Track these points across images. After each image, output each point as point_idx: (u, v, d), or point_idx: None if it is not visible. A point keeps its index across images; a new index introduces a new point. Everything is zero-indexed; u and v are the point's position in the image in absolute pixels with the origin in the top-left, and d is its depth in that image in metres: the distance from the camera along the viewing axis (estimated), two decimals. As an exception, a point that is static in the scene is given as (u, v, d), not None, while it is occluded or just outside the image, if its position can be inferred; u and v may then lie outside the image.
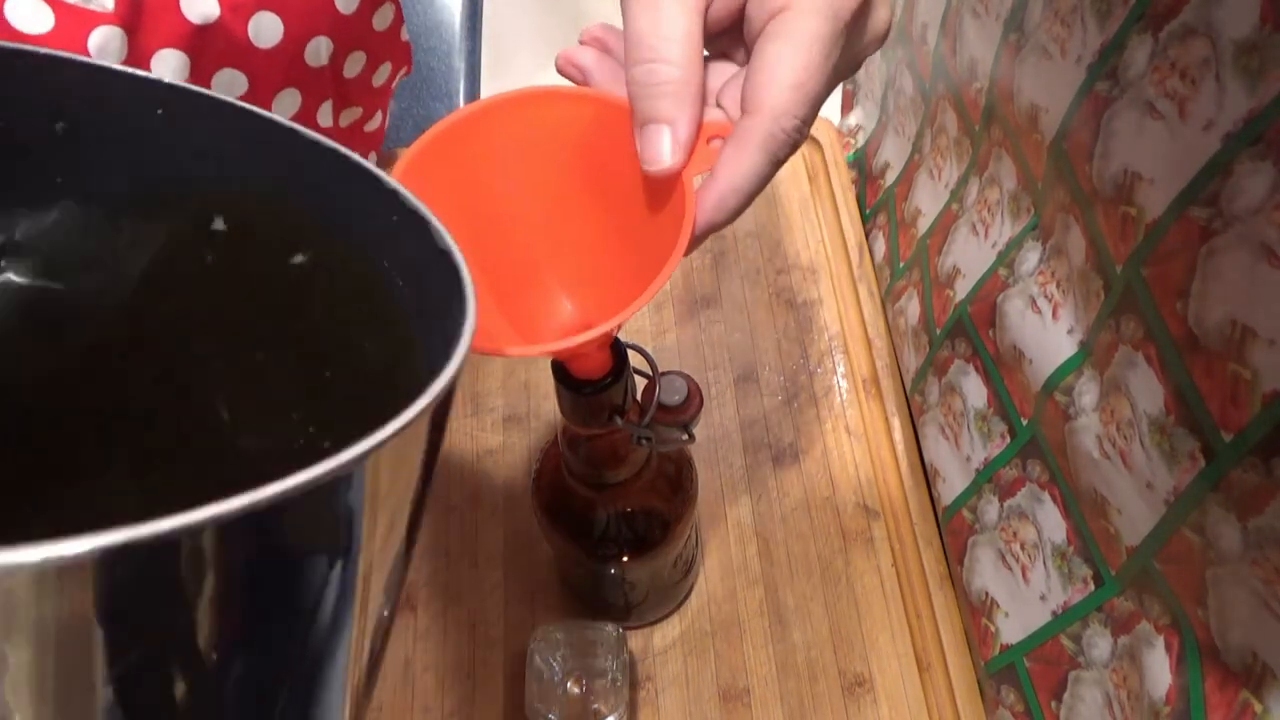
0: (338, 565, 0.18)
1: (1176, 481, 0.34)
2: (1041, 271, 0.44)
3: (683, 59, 0.28)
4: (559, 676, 0.49)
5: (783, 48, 0.27)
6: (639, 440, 0.40)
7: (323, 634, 0.18)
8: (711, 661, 0.55)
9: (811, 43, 0.27)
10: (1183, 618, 0.35)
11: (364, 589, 0.19)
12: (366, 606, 0.19)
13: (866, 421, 0.63)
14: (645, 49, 0.28)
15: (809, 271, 0.70)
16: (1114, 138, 0.36)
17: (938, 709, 0.53)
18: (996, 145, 0.49)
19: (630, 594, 0.52)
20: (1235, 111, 0.29)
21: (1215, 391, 0.31)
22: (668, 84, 0.28)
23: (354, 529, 0.17)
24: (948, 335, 0.54)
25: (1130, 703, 0.39)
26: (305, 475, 0.15)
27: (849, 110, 0.77)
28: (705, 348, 0.66)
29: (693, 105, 0.28)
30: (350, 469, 0.16)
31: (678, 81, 0.28)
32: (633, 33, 0.28)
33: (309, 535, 0.16)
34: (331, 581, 0.17)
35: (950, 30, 0.54)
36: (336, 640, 0.18)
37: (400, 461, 0.18)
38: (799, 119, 0.28)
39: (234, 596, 0.15)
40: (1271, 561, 0.30)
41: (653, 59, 0.28)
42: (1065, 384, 0.42)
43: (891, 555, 0.58)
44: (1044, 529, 0.45)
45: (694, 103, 0.28)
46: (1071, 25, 0.39)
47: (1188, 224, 0.32)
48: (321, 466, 0.15)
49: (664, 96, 0.28)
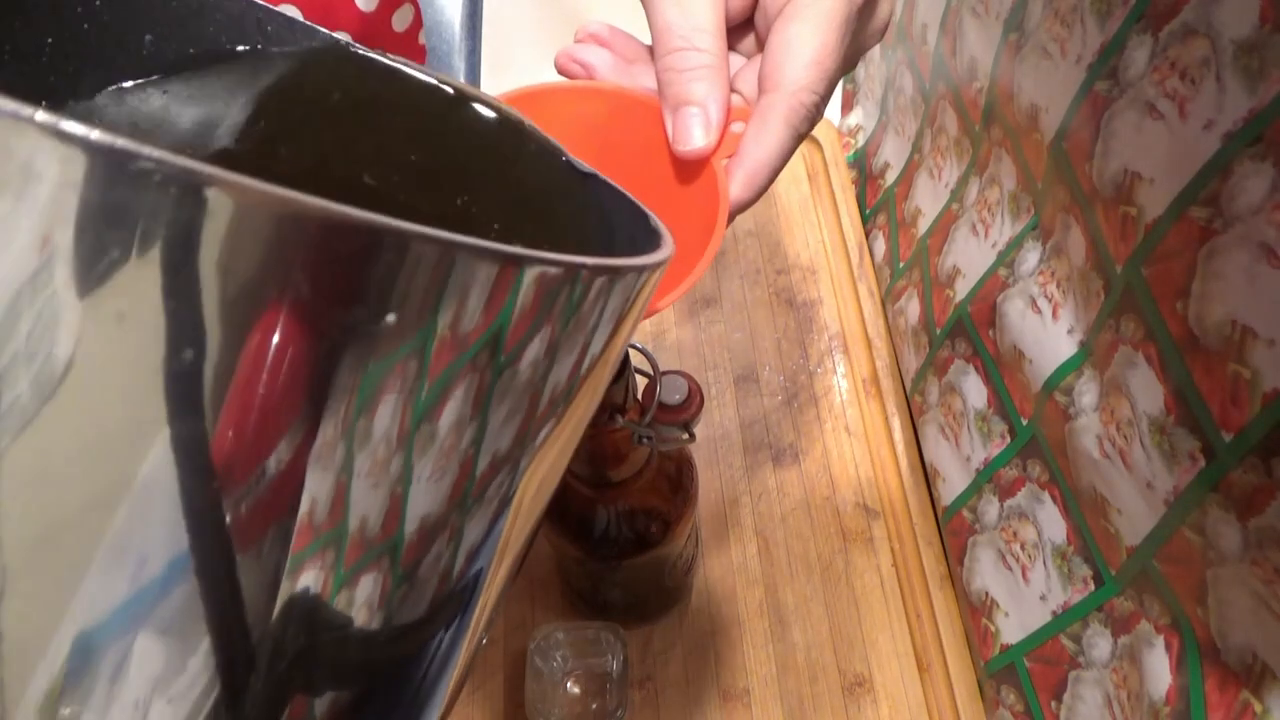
0: (584, 364, 0.18)
1: (1176, 481, 0.34)
2: (1041, 271, 0.44)
3: (712, 46, 0.30)
4: (559, 676, 0.49)
5: (801, 28, 0.29)
6: (639, 439, 0.40)
7: (537, 431, 0.18)
8: (711, 661, 0.55)
9: (829, 23, 0.29)
10: (1183, 618, 0.35)
11: (571, 418, 0.18)
12: (560, 439, 0.19)
13: (866, 421, 0.63)
14: (677, 38, 0.30)
15: (809, 271, 0.70)
16: (1114, 138, 0.36)
17: (938, 709, 0.53)
18: (996, 145, 0.49)
19: (630, 594, 0.52)
20: (1235, 111, 0.29)
21: (1215, 391, 0.31)
22: (701, 69, 0.30)
23: (617, 332, 0.18)
24: (948, 335, 0.54)
25: (1130, 703, 0.39)
26: (637, 260, 0.16)
27: (849, 110, 0.77)
28: (705, 347, 0.66)
29: (723, 88, 0.30)
30: (649, 271, 0.17)
31: (710, 66, 0.30)
32: (663, 24, 0.30)
33: (589, 317, 0.17)
34: (567, 376, 0.17)
35: (950, 30, 0.54)
36: (535, 450, 0.18)
37: (645, 295, 0.18)
38: (818, 94, 0.29)
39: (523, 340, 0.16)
40: (1271, 561, 0.30)
41: (685, 47, 0.30)
42: (1065, 384, 0.42)
43: (891, 555, 0.58)
44: (1044, 529, 0.45)
45: (725, 86, 0.30)
46: (1071, 25, 0.39)
47: (1188, 224, 0.32)
48: (645, 259, 0.16)
49: (697, 80, 0.30)
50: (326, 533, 0.15)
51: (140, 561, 0.13)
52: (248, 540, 0.14)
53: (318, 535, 0.15)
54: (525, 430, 0.17)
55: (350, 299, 0.13)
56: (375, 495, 0.15)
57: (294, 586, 0.15)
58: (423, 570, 0.17)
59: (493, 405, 0.16)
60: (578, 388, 0.18)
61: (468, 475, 0.17)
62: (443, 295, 0.14)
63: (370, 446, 0.15)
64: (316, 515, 0.15)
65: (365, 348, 0.14)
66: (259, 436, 0.14)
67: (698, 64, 0.29)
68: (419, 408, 0.15)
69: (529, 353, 0.16)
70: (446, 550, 0.17)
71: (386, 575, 0.16)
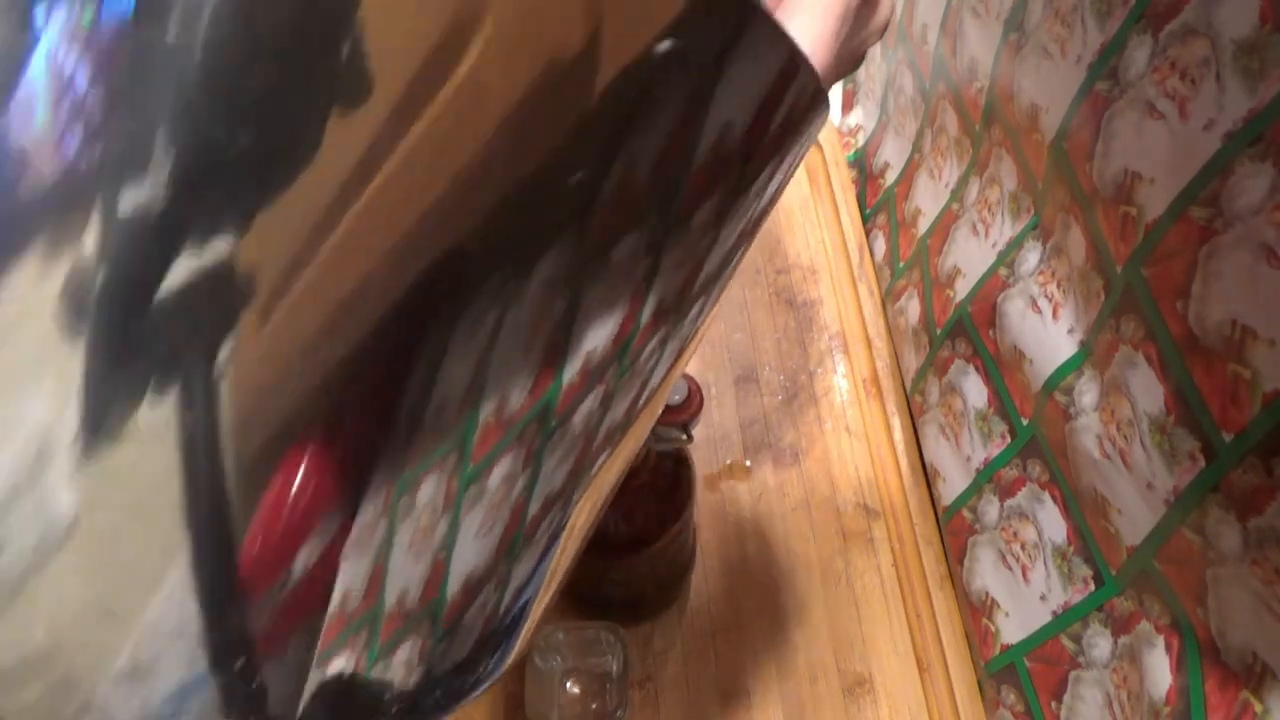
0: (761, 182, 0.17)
1: (1176, 481, 0.34)
2: (1042, 271, 0.44)
3: None
4: (559, 676, 0.49)
5: (798, 19, 0.29)
6: (639, 440, 0.40)
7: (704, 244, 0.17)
8: (711, 662, 0.55)
9: (825, 15, 0.29)
10: (1183, 618, 0.35)
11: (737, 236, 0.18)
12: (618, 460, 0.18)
13: (866, 421, 0.63)
14: None
15: (809, 271, 0.70)
16: (1114, 138, 0.36)
17: (938, 709, 0.52)
18: (997, 145, 0.49)
19: (629, 591, 0.52)
20: (1235, 111, 0.29)
21: (1215, 391, 0.31)
22: None
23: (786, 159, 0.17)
24: (948, 335, 0.54)
25: (1130, 703, 0.39)
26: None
27: (849, 110, 0.77)
28: (705, 348, 0.66)
29: None
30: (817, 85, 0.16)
31: None
32: None
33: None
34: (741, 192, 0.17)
35: (950, 30, 0.54)
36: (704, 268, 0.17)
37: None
38: None
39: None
40: (1271, 561, 0.30)
41: None
42: (1065, 384, 0.42)
43: (891, 555, 0.58)
44: (1044, 529, 0.45)
45: None
46: (1071, 25, 0.39)
47: (1188, 224, 0.32)
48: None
49: None
50: (360, 617, 0.14)
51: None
52: (271, 647, 0.14)
53: (349, 623, 0.14)
54: (581, 464, 0.17)
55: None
56: (417, 567, 0.15)
57: (323, 675, 0.14)
58: (466, 620, 0.17)
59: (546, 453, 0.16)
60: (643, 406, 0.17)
61: (518, 522, 0.16)
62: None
63: (414, 517, 0.14)
64: (349, 603, 0.14)
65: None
66: (285, 540, 0.13)
67: None
68: (466, 473, 0.14)
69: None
70: (492, 598, 0.17)
71: (426, 639, 0.16)
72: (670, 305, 0.17)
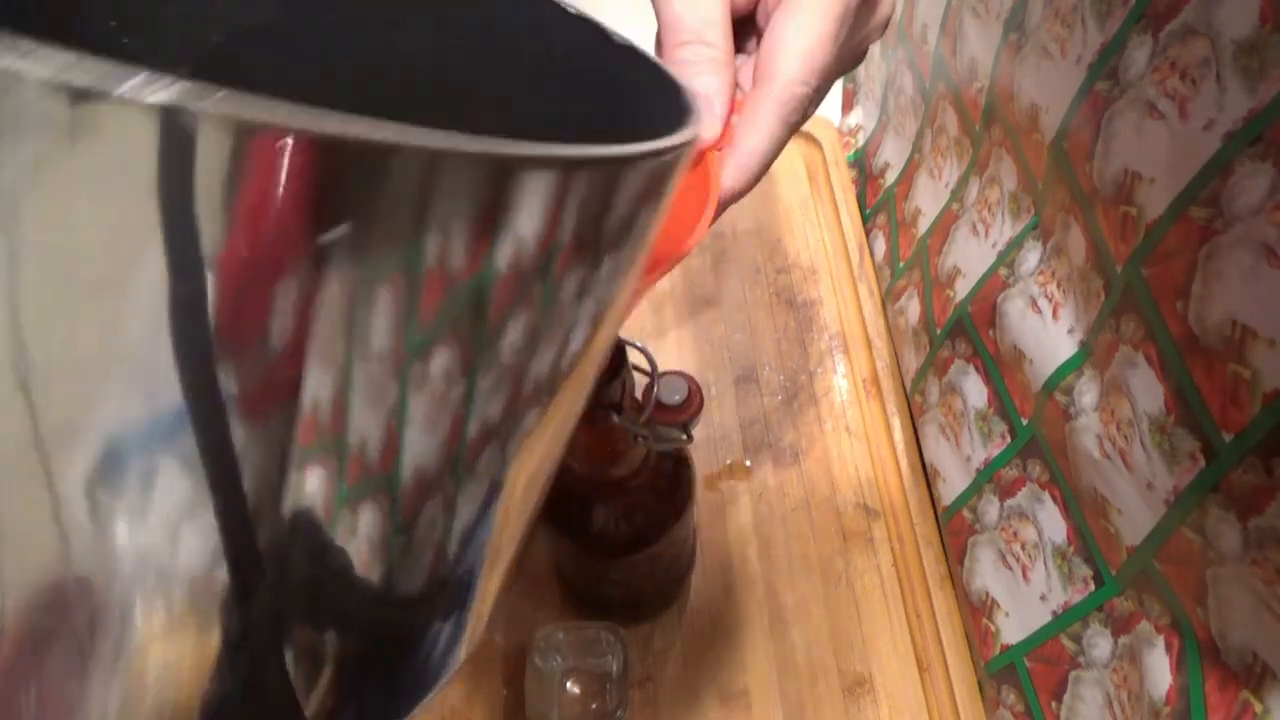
0: (613, 263, 0.17)
1: (1176, 481, 0.34)
2: (1042, 271, 0.44)
3: (720, 40, 0.30)
4: (559, 676, 0.49)
5: (796, 19, 0.30)
6: (636, 438, 0.40)
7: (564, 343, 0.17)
8: (711, 661, 0.55)
9: (825, 13, 0.29)
10: (1183, 618, 0.35)
11: (605, 314, 0.18)
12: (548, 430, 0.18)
13: (866, 421, 0.63)
14: (686, 31, 0.30)
15: (809, 271, 0.70)
16: (1114, 138, 0.36)
17: (938, 709, 0.52)
18: (997, 145, 0.49)
19: (629, 591, 0.52)
20: (1235, 111, 0.29)
21: (1215, 391, 0.31)
22: (709, 62, 0.30)
23: (644, 228, 0.17)
24: (948, 335, 0.54)
25: (1130, 703, 0.39)
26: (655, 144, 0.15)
27: (849, 110, 0.77)
28: (705, 348, 0.66)
29: (730, 81, 0.31)
30: (678, 153, 0.16)
31: (717, 60, 0.30)
32: (671, 18, 0.30)
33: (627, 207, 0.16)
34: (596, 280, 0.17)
35: (950, 30, 0.54)
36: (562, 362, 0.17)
37: (668, 181, 0.18)
38: (808, 85, 0.29)
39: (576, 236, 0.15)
40: (1271, 561, 0.30)
41: (694, 40, 0.30)
42: (1065, 384, 0.42)
43: (891, 555, 0.58)
44: (1044, 529, 0.45)
45: (731, 79, 0.31)
46: (1071, 25, 0.39)
47: (1188, 224, 0.32)
48: (666, 141, 0.16)
49: (706, 73, 0.30)
50: (329, 435, 0.15)
51: (151, 394, 0.13)
52: (252, 410, 0.14)
53: (320, 435, 0.15)
54: (513, 405, 0.17)
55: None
56: (372, 418, 0.15)
57: (302, 481, 0.15)
58: (419, 530, 0.17)
59: (480, 369, 0.16)
60: (571, 365, 0.18)
61: (458, 436, 0.16)
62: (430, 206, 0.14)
63: (366, 356, 0.14)
64: (319, 415, 0.14)
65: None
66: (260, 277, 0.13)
67: (706, 57, 0.30)
68: (412, 334, 0.15)
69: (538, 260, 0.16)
70: (441, 519, 0.17)
71: (385, 517, 0.16)
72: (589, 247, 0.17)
